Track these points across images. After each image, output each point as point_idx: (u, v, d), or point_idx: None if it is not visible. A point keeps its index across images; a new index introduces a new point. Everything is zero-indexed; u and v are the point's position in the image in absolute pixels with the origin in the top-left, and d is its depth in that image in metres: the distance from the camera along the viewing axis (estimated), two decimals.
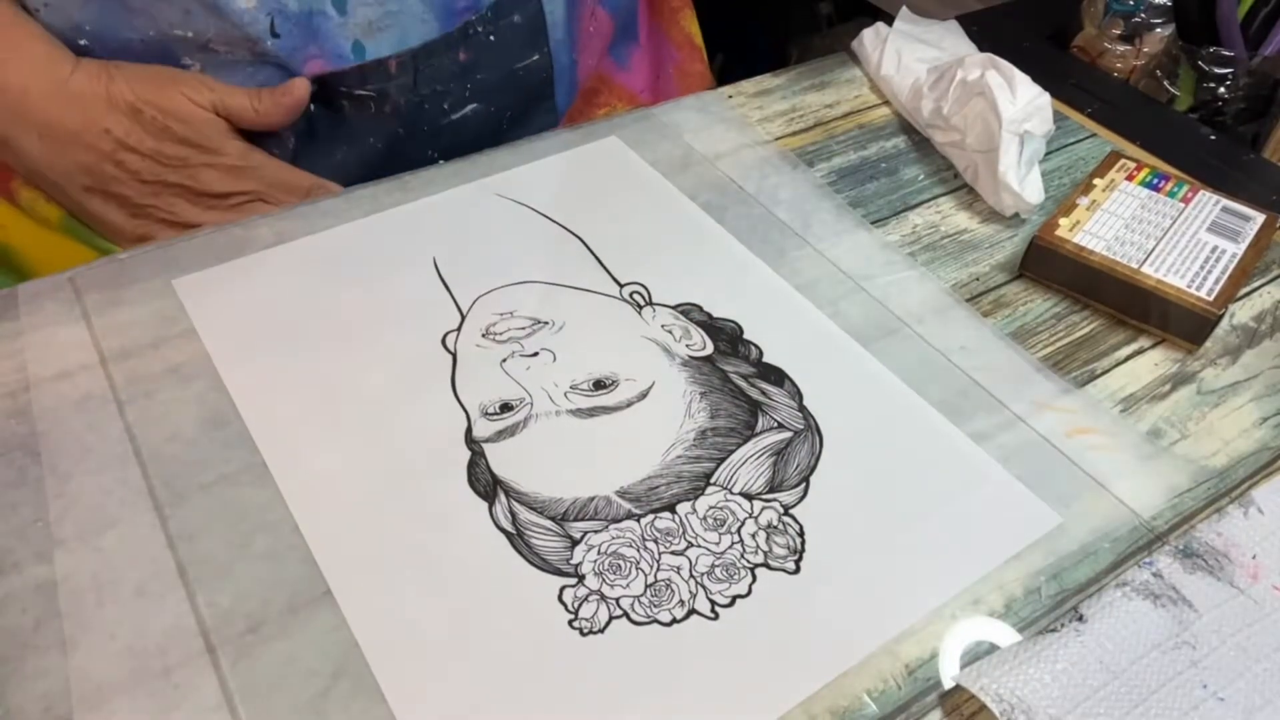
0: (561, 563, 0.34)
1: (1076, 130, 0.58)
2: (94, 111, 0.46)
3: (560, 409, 0.39)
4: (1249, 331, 0.46)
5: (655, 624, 0.33)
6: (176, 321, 0.41)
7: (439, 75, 0.53)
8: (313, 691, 0.30)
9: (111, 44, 0.47)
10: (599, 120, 0.56)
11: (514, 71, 0.57)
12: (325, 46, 0.49)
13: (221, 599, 0.32)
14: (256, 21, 0.47)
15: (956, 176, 0.54)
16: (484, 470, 0.37)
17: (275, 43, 0.48)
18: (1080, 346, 0.45)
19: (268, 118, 0.49)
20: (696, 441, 0.38)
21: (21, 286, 0.42)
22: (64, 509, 0.34)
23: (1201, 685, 0.32)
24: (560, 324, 0.43)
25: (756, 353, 0.43)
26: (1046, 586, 0.35)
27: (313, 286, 0.44)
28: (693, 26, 0.72)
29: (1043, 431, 0.40)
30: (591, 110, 0.67)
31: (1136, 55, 0.63)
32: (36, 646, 0.31)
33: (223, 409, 0.38)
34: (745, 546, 0.35)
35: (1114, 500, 0.38)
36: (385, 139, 0.54)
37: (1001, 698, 0.30)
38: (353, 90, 0.51)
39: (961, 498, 0.37)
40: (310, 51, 0.49)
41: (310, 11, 0.48)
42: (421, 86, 0.53)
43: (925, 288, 0.47)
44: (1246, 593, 0.34)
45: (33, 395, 0.38)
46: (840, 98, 0.59)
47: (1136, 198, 0.49)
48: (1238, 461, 0.40)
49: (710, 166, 0.53)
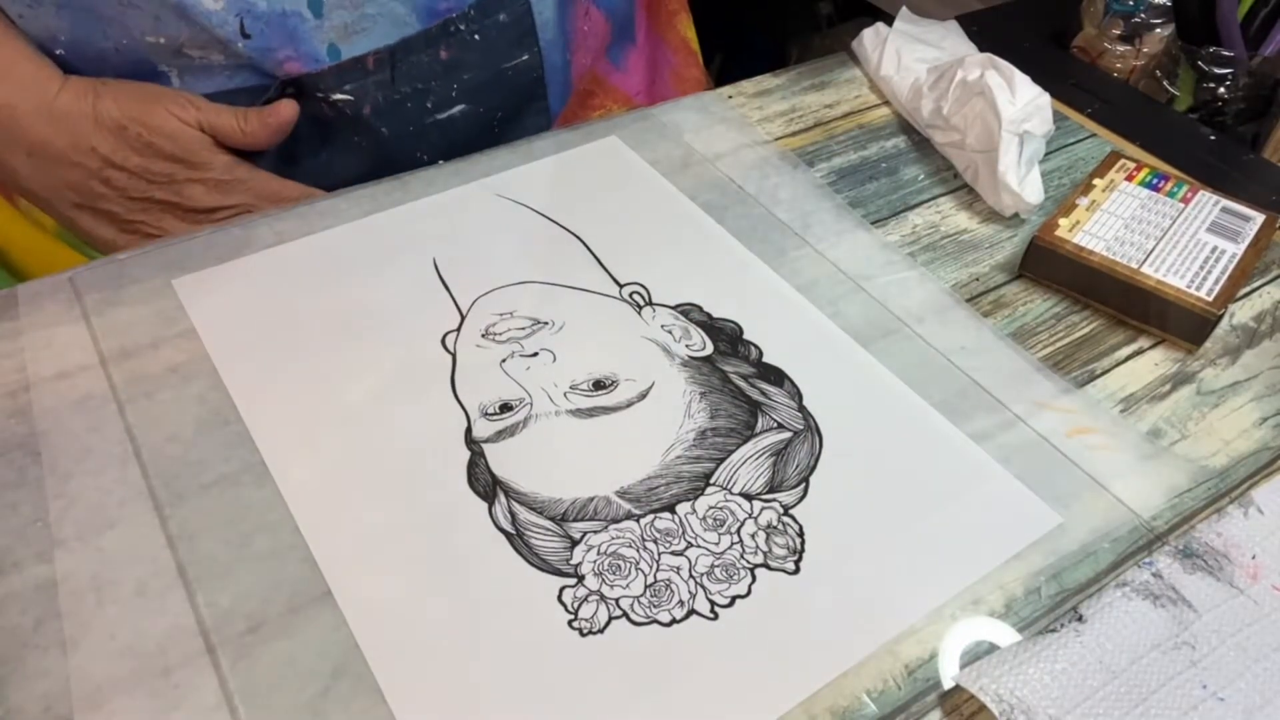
0: (561, 563, 0.34)
1: (1076, 130, 0.58)
2: (81, 129, 0.47)
3: (560, 409, 0.39)
4: (1249, 331, 0.46)
5: (655, 624, 0.33)
6: (176, 321, 0.41)
7: (419, 73, 0.53)
8: (313, 691, 0.30)
9: (88, 53, 0.48)
10: (598, 120, 0.56)
11: (502, 71, 0.57)
12: (300, 49, 0.49)
13: (221, 599, 0.32)
14: (225, 23, 0.47)
15: (956, 176, 0.54)
16: (484, 470, 0.37)
17: (246, 44, 0.48)
18: (1080, 346, 0.45)
19: (254, 138, 0.49)
20: (696, 442, 0.38)
21: (21, 287, 0.42)
22: (64, 509, 0.34)
23: (1201, 685, 0.32)
24: (560, 324, 0.43)
25: (756, 353, 0.43)
26: (1046, 586, 0.35)
27: (312, 286, 0.44)
28: (689, 31, 0.72)
29: (1043, 431, 0.40)
30: (586, 112, 0.67)
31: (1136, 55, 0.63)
32: (36, 646, 0.31)
33: (223, 409, 0.38)
34: (745, 547, 0.35)
35: (1114, 500, 0.38)
36: (369, 139, 0.54)
37: (1001, 698, 0.30)
38: (330, 93, 0.51)
39: (961, 498, 0.37)
40: (285, 53, 0.49)
41: (284, 12, 0.48)
42: (400, 84, 0.53)
43: (925, 288, 0.47)
44: (1246, 593, 0.34)
45: (33, 395, 0.38)
46: (840, 98, 0.59)
47: (1136, 198, 0.49)
48: (1238, 461, 0.40)
49: (710, 166, 0.53)
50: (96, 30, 0.47)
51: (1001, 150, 0.50)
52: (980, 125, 0.51)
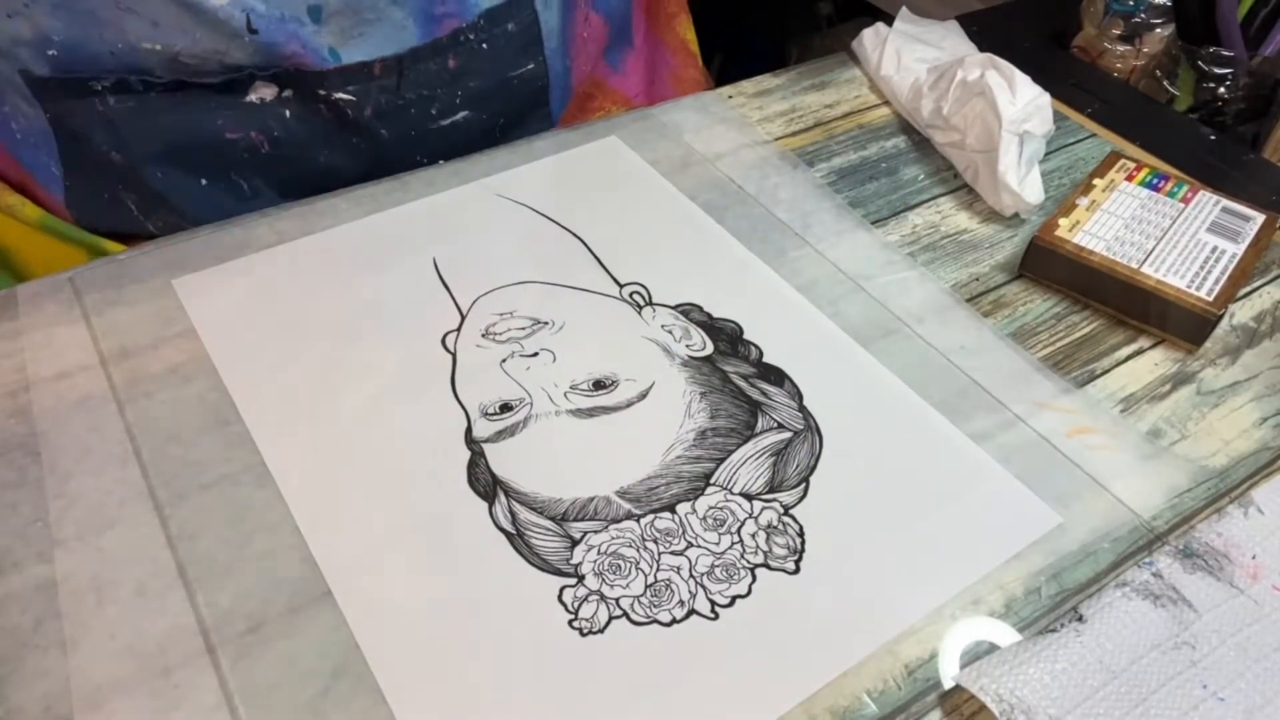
0: (561, 563, 0.34)
1: (1076, 130, 0.58)
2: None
3: (560, 409, 0.39)
4: (1249, 331, 0.46)
5: (655, 624, 0.33)
6: (176, 321, 0.41)
7: (426, 81, 0.53)
8: (313, 691, 0.30)
9: (82, 55, 0.47)
10: (598, 120, 0.56)
11: (508, 80, 0.57)
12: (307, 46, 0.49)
13: (221, 599, 0.32)
14: (232, 18, 0.47)
15: (956, 176, 0.54)
16: (484, 470, 0.37)
17: (253, 39, 0.47)
18: (1080, 346, 0.45)
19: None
20: (696, 442, 0.38)
21: (21, 287, 0.42)
22: (64, 509, 0.34)
23: (1201, 685, 0.32)
24: (560, 324, 0.43)
25: (756, 353, 0.43)
26: (1046, 586, 0.35)
27: (312, 286, 0.44)
28: (689, 33, 0.72)
29: (1043, 431, 0.40)
30: (586, 115, 0.67)
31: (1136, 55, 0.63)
32: (36, 646, 0.31)
33: (223, 409, 0.38)
34: (745, 547, 0.35)
35: (1114, 500, 0.38)
36: (369, 141, 0.54)
37: (1001, 698, 0.30)
38: (331, 92, 0.51)
39: (961, 498, 0.37)
40: (292, 48, 0.49)
41: (283, 17, 0.48)
42: (406, 90, 0.53)
43: (925, 288, 0.47)
44: (1246, 593, 0.34)
45: (33, 395, 0.38)
46: (840, 98, 0.59)
47: (1136, 198, 0.49)
48: (1238, 461, 0.40)
49: (710, 166, 0.53)
50: (93, 33, 0.47)
51: (1001, 150, 0.50)
52: (980, 125, 0.51)
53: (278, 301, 0.43)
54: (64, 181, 0.52)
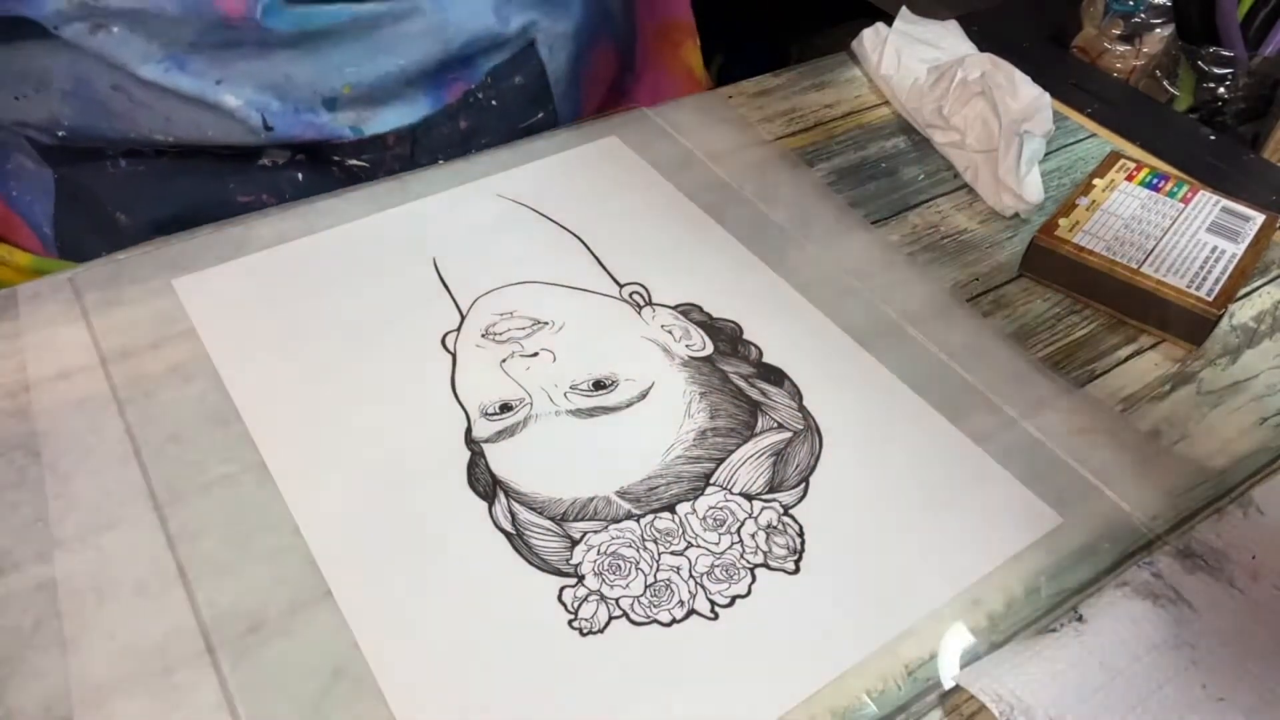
0: (561, 563, 0.34)
1: (1076, 130, 0.58)
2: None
3: (560, 409, 0.39)
4: (1249, 331, 0.46)
5: (655, 624, 0.33)
6: (176, 321, 0.42)
7: (439, 144, 0.53)
8: (313, 691, 0.30)
9: (90, 135, 0.47)
10: (598, 120, 0.56)
11: (518, 131, 0.57)
12: (323, 131, 0.49)
13: (221, 599, 0.32)
14: (249, 118, 0.47)
15: (956, 176, 0.54)
16: (484, 470, 0.37)
17: (269, 135, 0.48)
18: (1080, 346, 0.45)
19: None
20: (696, 442, 0.38)
21: (21, 286, 0.42)
22: (64, 509, 0.34)
23: (1201, 685, 0.31)
24: (560, 324, 0.43)
25: (756, 353, 0.43)
26: (1046, 586, 0.35)
27: (312, 286, 0.44)
28: (694, 58, 0.72)
29: (1043, 431, 0.40)
30: None
31: (1136, 55, 0.63)
32: (36, 646, 0.31)
33: (223, 409, 0.38)
34: (745, 547, 0.35)
35: (1114, 500, 0.38)
36: None
37: (1001, 698, 0.30)
38: (345, 159, 0.51)
39: (961, 498, 0.37)
40: (309, 136, 0.49)
41: (298, 109, 0.48)
42: (420, 156, 0.53)
43: (925, 288, 0.47)
44: (1246, 593, 0.34)
45: (33, 395, 0.38)
46: (840, 98, 0.59)
47: (1136, 198, 0.49)
48: (1238, 462, 0.40)
49: (710, 167, 0.53)
50: (103, 122, 0.47)
51: (1001, 150, 0.50)
52: (980, 125, 0.51)
53: (278, 301, 0.43)
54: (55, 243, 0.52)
